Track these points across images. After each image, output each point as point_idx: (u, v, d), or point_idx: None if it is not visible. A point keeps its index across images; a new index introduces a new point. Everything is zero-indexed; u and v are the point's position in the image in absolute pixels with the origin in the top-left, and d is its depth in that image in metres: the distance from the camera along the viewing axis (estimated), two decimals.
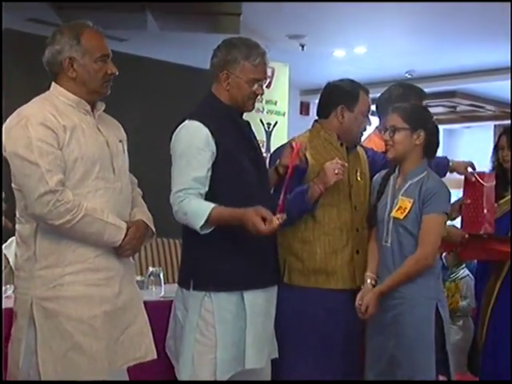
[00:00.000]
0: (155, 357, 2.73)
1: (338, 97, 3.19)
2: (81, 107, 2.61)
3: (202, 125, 2.75)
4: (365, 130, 3.24)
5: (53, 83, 2.62)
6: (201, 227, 2.70)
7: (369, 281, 3.02)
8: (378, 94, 3.71)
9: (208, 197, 2.77)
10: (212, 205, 2.71)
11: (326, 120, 3.22)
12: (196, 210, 2.71)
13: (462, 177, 3.53)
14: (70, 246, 2.52)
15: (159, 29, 6.26)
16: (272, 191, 3.07)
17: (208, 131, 2.75)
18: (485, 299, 3.72)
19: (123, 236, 2.59)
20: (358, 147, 3.37)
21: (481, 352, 3.72)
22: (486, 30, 6.18)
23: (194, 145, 2.75)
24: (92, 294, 2.53)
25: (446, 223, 3.02)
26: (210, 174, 2.77)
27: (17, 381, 2.58)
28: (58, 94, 2.59)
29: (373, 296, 2.93)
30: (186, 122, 2.79)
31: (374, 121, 3.66)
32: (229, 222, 2.73)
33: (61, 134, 2.49)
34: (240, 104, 2.89)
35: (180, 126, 2.81)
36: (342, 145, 3.24)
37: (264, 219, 2.64)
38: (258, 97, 2.94)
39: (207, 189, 2.77)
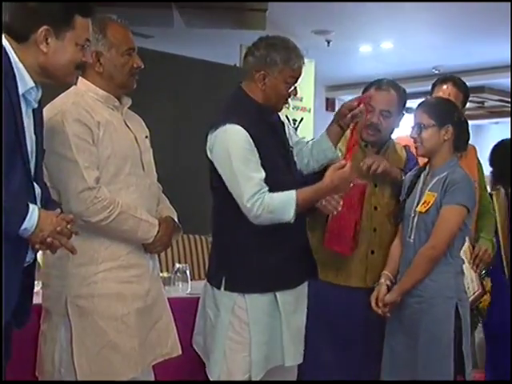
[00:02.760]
0: (180, 353, 2.74)
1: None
2: (109, 102, 2.60)
3: (242, 128, 2.71)
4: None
5: (80, 78, 2.60)
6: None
7: (383, 280, 2.99)
8: (407, 90, 3.67)
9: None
10: (293, 192, 2.69)
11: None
12: (281, 203, 2.68)
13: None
14: (103, 243, 2.52)
15: (185, 25, 6.28)
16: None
17: (248, 135, 2.72)
18: None
19: (156, 233, 2.60)
20: (396, 146, 3.32)
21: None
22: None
23: (244, 147, 2.70)
24: (124, 291, 2.54)
25: (462, 215, 2.89)
26: None
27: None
28: (86, 89, 2.58)
29: (394, 299, 2.92)
30: (227, 126, 2.72)
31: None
32: (315, 200, 2.76)
33: (95, 131, 2.49)
34: (273, 104, 2.85)
35: (220, 131, 2.73)
36: (366, 146, 3.22)
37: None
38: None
39: None
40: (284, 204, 2.68)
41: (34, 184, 2.14)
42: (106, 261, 2.52)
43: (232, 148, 2.70)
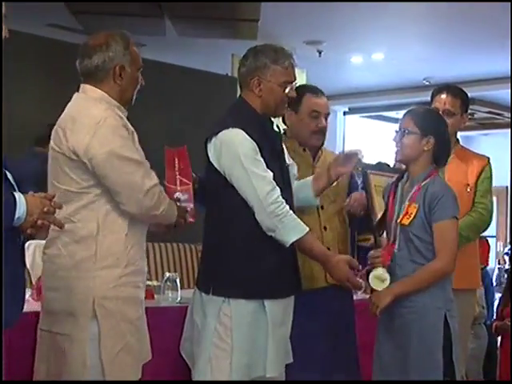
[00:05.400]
0: (150, 357, 2.75)
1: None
2: (120, 111, 2.65)
3: (244, 132, 2.74)
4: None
5: (89, 86, 2.63)
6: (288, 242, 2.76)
7: None
8: (397, 101, 3.71)
9: (236, 208, 2.78)
10: (307, 228, 2.77)
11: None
12: (294, 223, 2.75)
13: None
14: (126, 247, 2.57)
15: (177, 34, 6.30)
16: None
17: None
18: None
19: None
20: (328, 153, 3.40)
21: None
22: (504, 36, 6.16)
23: (252, 148, 2.74)
24: (137, 295, 2.62)
25: (457, 227, 2.95)
26: None
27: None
28: (99, 97, 2.62)
29: (388, 299, 2.92)
30: (230, 129, 2.75)
31: None
32: (313, 253, 2.84)
33: (133, 136, 2.61)
34: (272, 109, 2.88)
35: (224, 135, 2.76)
36: (304, 150, 3.28)
37: (352, 269, 2.80)
38: None
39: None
40: (295, 226, 2.75)
41: (5, 171, 2.13)
42: (128, 265, 2.57)
43: (240, 149, 2.73)
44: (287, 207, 2.74)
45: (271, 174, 2.75)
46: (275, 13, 5.89)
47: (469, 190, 3.47)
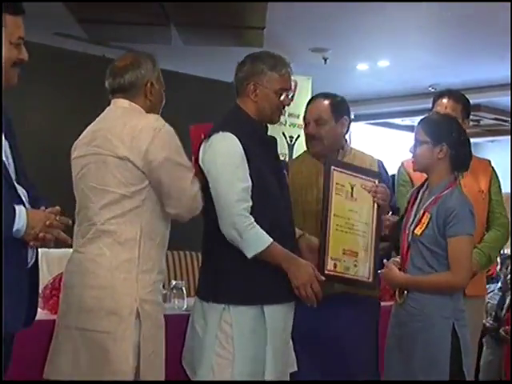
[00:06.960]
0: None
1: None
2: None
3: (235, 137, 2.76)
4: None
5: (125, 100, 2.73)
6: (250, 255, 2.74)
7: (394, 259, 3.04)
8: (403, 108, 3.71)
9: None
10: (267, 242, 2.72)
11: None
12: (253, 240, 2.72)
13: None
14: (160, 254, 2.69)
15: (183, 43, 6.31)
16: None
17: (241, 146, 2.76)
18: None
19: None
20: (359, 156, 3.35)
21: None
22: (509, 43, 6.16)
23: (235, 155, 2.75)
24: (161, 302, 2.73)
25: (472, 244, 2.97)
26: None
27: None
28: (137, 109, 2.73)
29: (399, 283, 2.95)
30: (220, 133, 2.78)
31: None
32: (276, 262, 2.77)
33: None
34: (268, 115, 2.90)
35: (213, 138, 2.79)
36: (314, 156, 3.29)
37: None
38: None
39: None
40: (255, 240, 2.72)
41: (18, 186, 2.17)
42: (159, 272, 2.68)
43: (221, 152, 2.77)
44: (250, 221, 2.71)
45: (249, 184, 2.74)
46: (281, 20, 5.91)
47: (483, 196, 3.46)
